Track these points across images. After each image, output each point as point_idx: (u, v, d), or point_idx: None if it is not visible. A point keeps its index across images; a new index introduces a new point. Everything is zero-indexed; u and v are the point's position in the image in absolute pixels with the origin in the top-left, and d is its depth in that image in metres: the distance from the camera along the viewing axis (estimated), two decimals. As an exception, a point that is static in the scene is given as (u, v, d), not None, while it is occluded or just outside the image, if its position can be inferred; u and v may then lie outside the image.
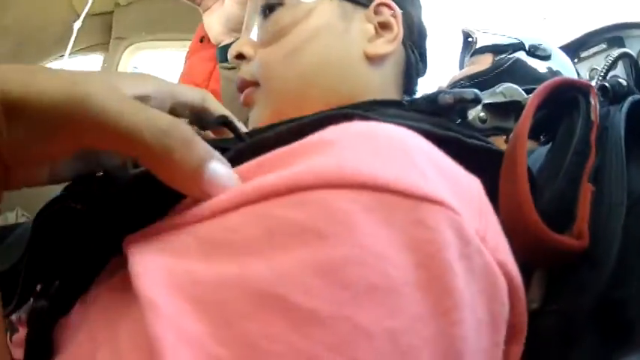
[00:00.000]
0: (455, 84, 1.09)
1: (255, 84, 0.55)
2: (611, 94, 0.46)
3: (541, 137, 0.52)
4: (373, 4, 0.56)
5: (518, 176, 0.37)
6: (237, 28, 0.98)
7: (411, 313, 0.25)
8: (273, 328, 0.23)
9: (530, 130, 0.47)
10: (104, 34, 2.28)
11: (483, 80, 1.05)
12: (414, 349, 0.25)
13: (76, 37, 2.03)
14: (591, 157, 0.40)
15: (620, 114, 0.43)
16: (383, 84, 0.55)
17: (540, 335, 0.35)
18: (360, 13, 0.56)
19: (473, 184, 0.32)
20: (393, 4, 0.56)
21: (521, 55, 1.09)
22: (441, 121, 0.45)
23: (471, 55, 1.16)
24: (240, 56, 0.57)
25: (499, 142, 0.47)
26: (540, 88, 0.42)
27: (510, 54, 1.09)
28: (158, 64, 2.38)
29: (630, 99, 0.45)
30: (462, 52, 1.25)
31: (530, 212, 0.36)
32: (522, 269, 0.36)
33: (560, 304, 0.36)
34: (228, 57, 0.60)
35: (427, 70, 0.63)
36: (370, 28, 0.55)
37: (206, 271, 0.25)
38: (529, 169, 0.39)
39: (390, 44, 0.55)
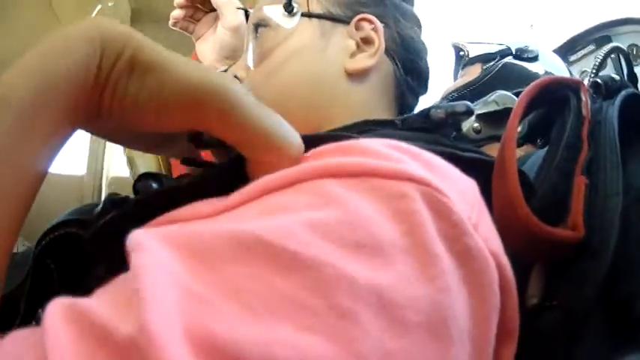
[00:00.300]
0: (447, 97, 1.10)
1: None
2: (604, 90, 0.46)
3: (538, 141, 0.52)
4: (354, 20, 0.57)
5: (508, 172, 0.37)
6: (230, 55, 0.99)
7: (396, 272, 0.26)
8: (256, 271, 0.24)
9: (527, 134, 0.48)
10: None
11: (474, 89, 1.06)
12: (396, 307, 0.25)
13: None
14: (584, 150, 0.40)
15: (614, 107, 0.43)
16: (367, 100, 0.56)
17: (542, 332, 0.35)
18: (340, 30, 0.57)
19: (467, 182, 0.33)
20: (374, 19, 0.57)
21: (508, 59, 1.10)
22: (435, 138, 0.46)
23: (462, 68, 1.18)
24: (236, 78, 0.58)
25: (495, 150, 0.47)
26: (529, 88, 0.42)
27: (498, 60, 1.10)
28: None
29: (623, 93, 0.45)
30: (455, 66, 1.27)
31: (521, 205, 0.35)
32: (520, 270, 0.36)
33: (560, 298, 0.35)
34: None
35: (425, 87, 0.63)
36: (351, 44, 0.56)
37: (199, 228, 0.27)
38: (523, 172, 0.39)
39: (370, 58, 0.55)
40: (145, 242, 0.24)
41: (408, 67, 0.60)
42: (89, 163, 2.06)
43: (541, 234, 0.35)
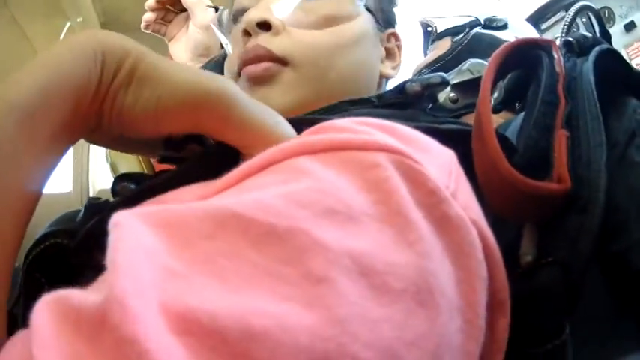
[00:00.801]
0: (419, 72, 1.10)
1: (283, 62, 0.51)
2: (577, 48, 0.46)
3: (516, 105, 0.52)
4: (387, 32, 0.61)
5: (485, 132, 0.36)
6: (204, 53, 0.99)
7: (371, 239, 0.25)
8: (231, 245, 0.24)
9: (504, 100, 0.48)
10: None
11: (445, 63, 1.06)
12: (376, 273, 0.24)
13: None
14: (561, 105, 0.39)
15: (588, 63, 0.43)
16: None
17: (540, 290, 0.34)
18: (379, 35, 0.60)
19: (444, 152, 0.33)
20: (400, 37, 0.62)
21: (477, 30, 1.11)
22: (412, 114, 0.46)
23: (432, 43, 1.18)
24: (265, 25, 0.52)
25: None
26: (499, 49, 0.42)
27: (468, 32, 1.11)
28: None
29: (597, 48, 0.45)
30: (424, 43, 1.27)
31: (502, 163, 0.34)
32: (510, 234, 0.36)
33: (556, 254, 0.34)
34: (244, 24, 0.54)
35: None
36: (382, 51, 0.60)
37: (176, 207, 0.26)
38: (503, 135, 0.38)
39: (394, 70, 0.61)
40: (123, 220, 0.24)
41: None
42: (74, 179, 2.05)
43: (527, 189, 0.34)
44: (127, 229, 0.24)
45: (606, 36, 0.71)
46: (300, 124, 0.34)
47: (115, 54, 0.32)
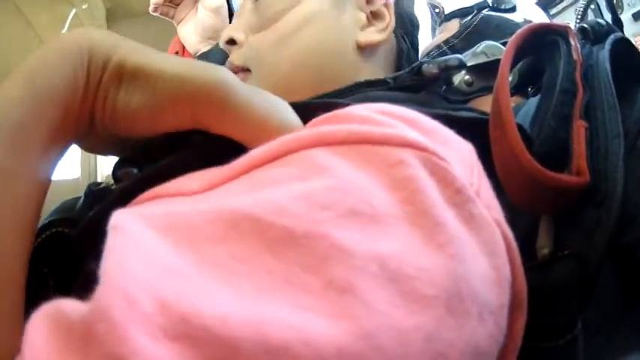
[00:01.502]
0: (428, 54, 1.09)
1: (247, 70, 0.54)
2: (592, 35, 0.45)
3: (529, 90, 0.52)
4: None
5: (505, 121, 0.35)
6: (212, 36, 0.99)
7: (399, 241, 0.24)
8: (245, 249, 0.22)
9: (518, 84, 0.47)
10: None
11: (454, 44, 1.03)
12: (406, 277, 0.23)
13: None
14: (579, 94, 0.38)
15: (604, 51, 0.42)
16: (373, 74, 0.53)
17: (556, 284, 0.33)
18: (352, 2, 0.55)
19: (464, 145, 0.32)
20: None
21: (486, 12, 1.08)
22: (426, 99, 0.45)
23: (439, 25, 1.17)
24: (232, 41, 0.56)
25: (486, 102, 0.45)
26: (516, 34, 0.41)
27: (476, 14, 1.08)
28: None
29: (612, 37, 0.44)
30: (431, 24, 1.26)
31: (522, 152, 0.33)
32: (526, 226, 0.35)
33: (572, 247, 0.34)
34: (220, 43, 0.59)
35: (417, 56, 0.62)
36: (362, 17, 0.54)
37: (184, 208, 0.25)
38: (520, 125, 0.37)
39: (381, 33, 0.54)
40: (122, 223, 0.23)
41: (411, 40, 0.59)
42: (82, 164, 2.05)
43: (546, 181, 0.33)
44: (125, 235, 0.22)
45: (619, 24, 0.70)
46: (314, 109, 0.33)
47: (100, 51, 0.31)
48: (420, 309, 0.22)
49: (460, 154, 0.30)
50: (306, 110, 0.33)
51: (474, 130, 0.35)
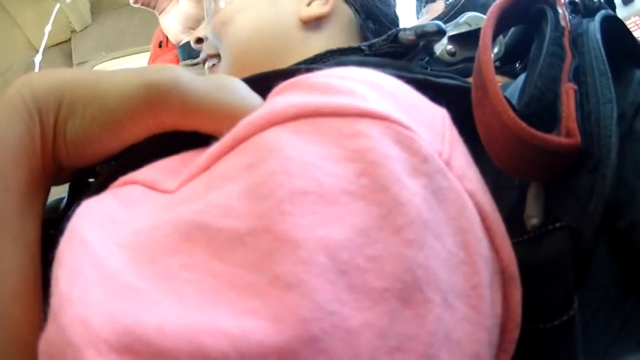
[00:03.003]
0: None
1: (217, 56, 0.59)
2: (582, 9, 0.43)
3: (517, 65, 0.50)
4: None
5: (486, 79, 0.32)
6: (194, 25, 1.00)
7: (351, 224, 0.22)
8: (193, 258, 0.21)
9: (504, 57, 0.45)
10: (66, 61, 2.28)
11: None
12: (355, 270, 0.21)
13: (39, 70, 2.04)
14: (567, 58, 0.36)
15: (595, 23, 0.40)
16: (326, 45, 0.54)
17: (547, 260, 0.31)
18: None
19: (436, 111, 0.29)
20: None
21: None
22: (406, 65, 0.43)
23: (424, 5, 1.16)
24: (199, 40, 0.61)
25: None
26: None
27: (461, -6, 1.08)
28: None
29: (603, 12, 0.42)
30: (417, 5, 1.25)
31: (505, 111, 0.31)
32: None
33: (565, 219, 0.31)
34: (192, 44, 0.66)
35: (389, 29, 0.60)
36: None
37: (144, 223, 0.24)
38: (504, 96, 0.35)
39: (324, 5, 0.56)
40: (90, 239, 0.23)
41: (367, 10, 0.59)
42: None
43: (533, 141, 0.30)
44: (89, 253, 0.22)
45: (611, 4, 0.68)
46: (274, 78, 0.31)
47: (48, 97, 0.30)
48: (370, 304, 0.21)
49: (431, 120, 0.28)
50: (267, 80, 0.32)
51: (453, 96, 0.33)
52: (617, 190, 0.31)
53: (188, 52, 1.03)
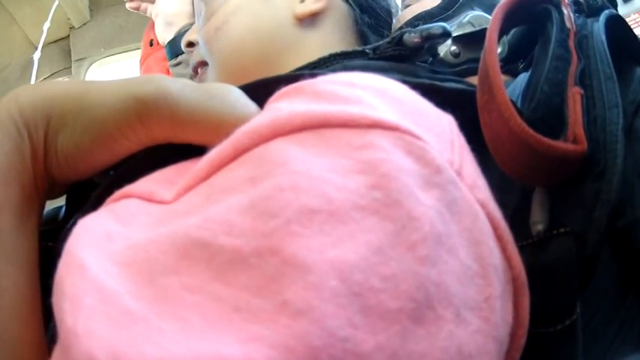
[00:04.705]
0: (409, 25, 1.05)
1: (205, 63, 0.58)
2: (586, 8, 0.43)
3: (519, 65, 0.49)
4: None
5: (493, 83, 0.32)
6: (172, 20, 1.03)
7: (364, 243, 0.21)
8: (194, 279, 0.20)
9: (507, 57, 0.45)
10: (65, 58, 2.27)
11: (443, 19, 1.01)
12: (369, 291, 0.20)
13: (38, 67, 2.04)
14: (573, 61, 0.36)
15: (599, 24, 0.39)
16: (324, 44, 0.54)
17: (551, 265, 0.31)
18: None
19: (443, 118, 0.29)
20: None
21: None
22: (412, 69, 0.43)
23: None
24: (190, 44, 0.60)
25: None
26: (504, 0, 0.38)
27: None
28: (121, 75, 2.38)
29: (607, 12, 0.42)
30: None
31: (512, 116, 0.30)
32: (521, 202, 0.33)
33: (570, 225, 0.31)
34: (182, 48, 0.65)
35: (387, 23, 0.62)
36: None
37: (141, 237, 0.23)
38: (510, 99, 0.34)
39: (318, 1, 0.54)
40: (88, 263, 0.22)
41: (362, 4, 0.58)
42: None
43: (539, 147, 0.30)
44: (88, 279, 0.21)
45: (613, 3, 0.68)
46: (274, 84, 0.30)
47: (35, 114, 0.29)
48: (384, 326, 0.20)
49: (439, 128, 0.27)
50: (269, 86, 0.31)
51: (461, 101, 0.32)
52: (622, 181, 0.31)
53: (173, 53, 1.04)
